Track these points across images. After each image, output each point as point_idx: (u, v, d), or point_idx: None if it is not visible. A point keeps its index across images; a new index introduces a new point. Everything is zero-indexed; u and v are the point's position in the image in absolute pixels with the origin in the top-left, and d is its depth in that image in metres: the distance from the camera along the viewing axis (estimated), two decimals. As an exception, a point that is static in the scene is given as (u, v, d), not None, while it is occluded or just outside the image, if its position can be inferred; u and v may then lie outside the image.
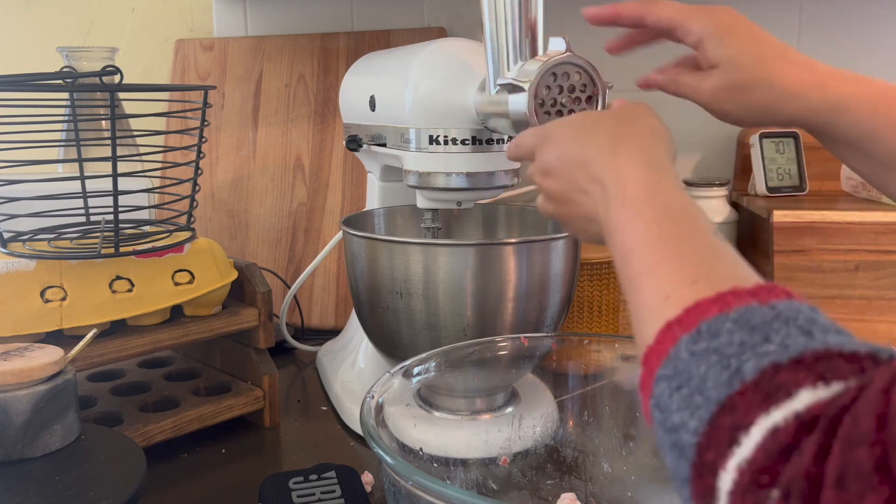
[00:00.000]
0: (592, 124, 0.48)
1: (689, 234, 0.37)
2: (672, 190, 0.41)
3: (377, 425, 0.50)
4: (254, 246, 1.13)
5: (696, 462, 0.28)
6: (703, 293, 0.32)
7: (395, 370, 0.58)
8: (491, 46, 0.61)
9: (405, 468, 0.43)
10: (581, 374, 0.68)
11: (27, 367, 0.52)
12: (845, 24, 1.10)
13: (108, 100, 0.67)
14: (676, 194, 0.41)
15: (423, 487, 0.42)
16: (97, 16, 1.27)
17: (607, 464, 0.63)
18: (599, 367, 0.68)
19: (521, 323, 0.70)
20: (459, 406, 0.70)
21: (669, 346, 0.31)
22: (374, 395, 0.54)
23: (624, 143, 0.44)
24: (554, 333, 0.70)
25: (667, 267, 0.36)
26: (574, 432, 0.66)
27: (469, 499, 0.41)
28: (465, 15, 1.18)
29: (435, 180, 0.70)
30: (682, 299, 0.33)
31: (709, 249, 0.36)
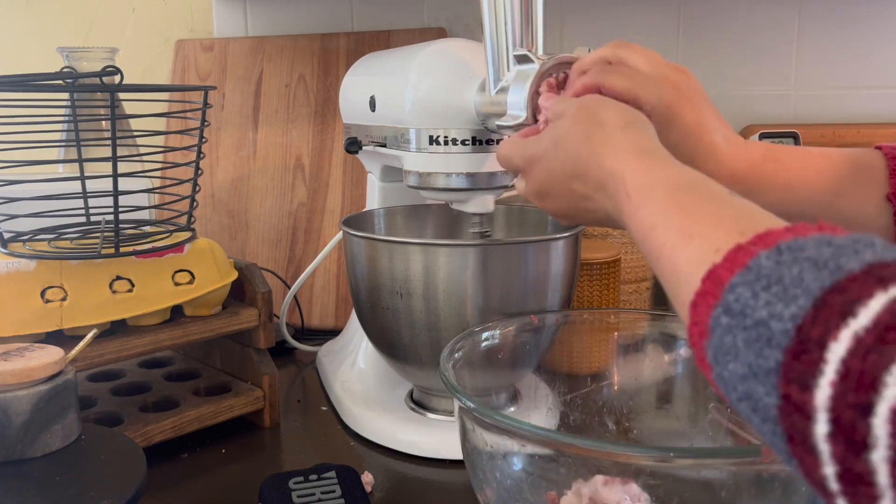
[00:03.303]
0: (566, 136, 0.48)
1: (711, 198, 0.38)
2: (671, 166, 0.42)
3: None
4: (254, 246, 1.13)
5: (794, 344, 0.27)
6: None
7: (466, 333, 0.62)
8: (491, 46, 0.61)
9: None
10: (582, 374, 0.69)
11: (27, 367, 0.52)
12: (845, 23, 1.10)
13: (109, 100, 0.67)
14: (678, 168, 0.41)
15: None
16: (97, 16, 1.27)
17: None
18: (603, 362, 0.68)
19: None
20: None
21: (746, 259, 0.31)
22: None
23: (603, 143, 0.45)
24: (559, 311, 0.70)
25: (703, 226, 0.35)
26: (574, 432, 0.66)
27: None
28: (465, 15, 1.18)
29: (435, 180, 0.70)
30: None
31: (741, 208, 0.36)
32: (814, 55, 1.12)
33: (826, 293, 0.27)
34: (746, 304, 0.30)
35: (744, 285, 0.30)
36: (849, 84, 1.12)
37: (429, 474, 0.69)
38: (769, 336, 0.28)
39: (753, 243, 0.32)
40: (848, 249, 0.28)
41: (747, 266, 0.31)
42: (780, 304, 0.28)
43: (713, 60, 1.14)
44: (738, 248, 0.32)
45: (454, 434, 0.54)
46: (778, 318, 0.28)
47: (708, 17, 1.13)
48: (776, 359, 0.28)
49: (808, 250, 0.29)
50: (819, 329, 0.26)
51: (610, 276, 0.87)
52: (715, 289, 0.31)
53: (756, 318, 0.29)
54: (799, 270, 0.29)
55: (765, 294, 0.29)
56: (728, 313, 0.30)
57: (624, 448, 0.47)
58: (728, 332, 0.30)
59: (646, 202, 0.40)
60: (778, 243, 0.31)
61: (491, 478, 0.51)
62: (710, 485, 0.45)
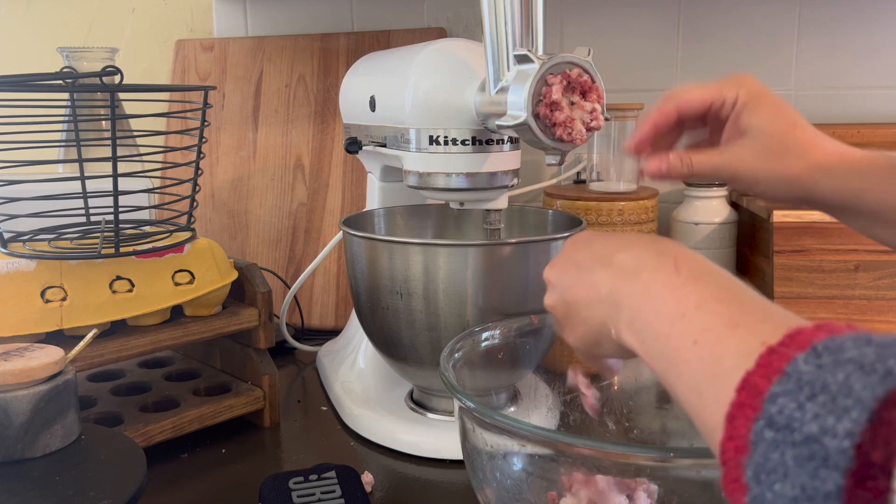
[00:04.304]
0: (587, 265, 0.46)
1: (757, 296, 0.35)
2: (717, 266, 0.39)
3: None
4: (254, 246, 1.13)
5: (857, 466, 0.25)
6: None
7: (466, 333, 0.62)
8: (491, 46, 0.61)
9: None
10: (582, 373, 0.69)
11: (27, 367, 0.52)
12: (845, 24, 1.10)
13: (109, 100, 0.67)
14: (723, 269, 0.39)
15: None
16: (97, 16, 1.27)
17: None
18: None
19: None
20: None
21: (782, 364, 0.28)
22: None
23: (625, 267, 0.42)
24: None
25: (752, 319, 0.33)
26: (574, 432, 0.66)
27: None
28: (465, 15, 1.18)
29: (435, 181, 0.70)
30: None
31: (782, 310, 0.34)
32: (814, 55, 1.12)
33: (881, 406, 0.25)
34: (792, 416, 0.27)
35: (786, 395, 0.28)
36: (849, 84, 1.12)
37: (429, 474, 0.69)
38: (825, 455, 0.25)
39: (785, 345, 0.29)
40: (893, 349, 0.27)
41: (785, 372, 0.28)
42: (831, 418, 0.26)
43: (713, 60, 1.13)
44: (770, 352, 0.29)
45: (454, 434, 0.54)
46: (832, 435, 0.26)
47: (708, 17, 1.13)
48: (836, 482, 0.25)
49: (849, 351, 0.27)
50: (881, 452, 0.24)
51: (610, 276, 0.87)
52: (753, 400, 0.29)
53: (806, 433, 0.26)
54: (845, 376, 0.26)
55: (811, 405, 0.27)
56: (772, 427, 0.27)
57: (624, 448, 0.47)
58: (774, 449, 0.27)
59: (695, 281, 0.37)
60: (813, 344, 0.28)
61: (491, 478, 0.51)
62: (710, 485, 0.45)
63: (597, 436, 0.65)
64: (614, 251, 0.43)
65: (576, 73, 0.59)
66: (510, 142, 0.71)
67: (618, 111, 1.01)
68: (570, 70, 0.59)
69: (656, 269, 0.39)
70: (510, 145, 0.71)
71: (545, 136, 0.60)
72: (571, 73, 0.59)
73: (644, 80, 1.15)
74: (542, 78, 0.58)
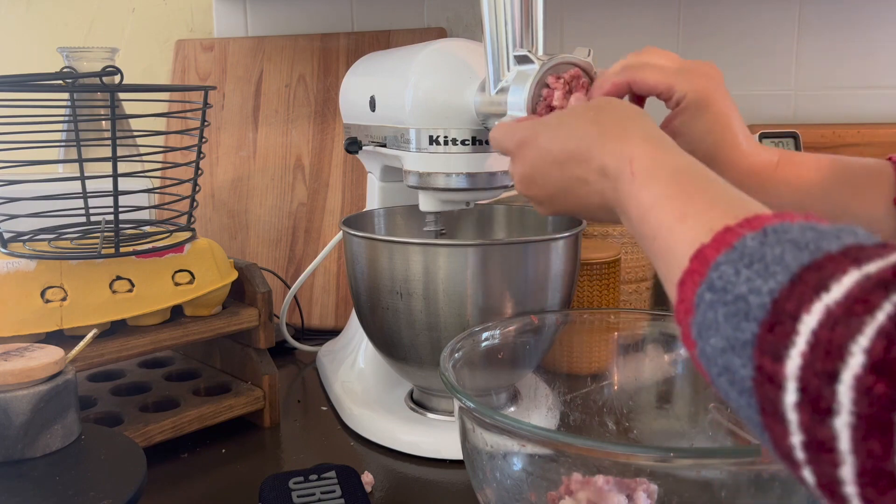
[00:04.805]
0: (571, 120, 0.49)
1: (709, 184, 0.38)
2: (677, 152, 0.42)
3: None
4: (254, 246, 1.13)
5: (770, 317, 0.28)
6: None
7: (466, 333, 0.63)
8: (491, 46, 0.61)
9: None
10: (582, 374, 0.69)
11: (27, 367, 0.52)
12: (845, 23, 1.10)
13: (109, 100, 0.67)
14: (682, 155, 0.42)
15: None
16: (97, 16, 1.27)
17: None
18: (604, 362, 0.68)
19: (521, 323, 0.70)
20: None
21: (733, 239, 0.32)
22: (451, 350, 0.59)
23: (612, 127, 0.46)
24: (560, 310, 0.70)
25: (698, 208, 0.36)
26: (574, 432, 0.66)
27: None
28: (465, 15, 1.18)
29: (435, 181, 0.70)
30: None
31: (736, 195, 0.37)
32: (814, 55, 1.12)
33: (803, 270, 0.28)
34: (728, 280, 0.31)
35: (728, 263, 0.31)
36: (849, 84, 1.12)
37: (429, 474, 0.69)
38: (747, 310, 0.29)
39: (741, 225, 0.33)
40: (830, 234, 0.30)
41: (733, 246, 0.32)
42: (759, 280, 0.29)
43: (713, 60, 1.13)
44: (726, 230, 0.33)
45: (454, 434, 0.54)
46: (756, 293, 0.29)
47: (708, 17, 1.13)
48: (752, 331, 0.29)
49: (793, 233, 0.30)
50: (793, 303, 0.27)
51: (610, 276, 0.87)
52: (701, 267, 0.32)
53: (736, 294, 0.30)
54: (781, 251, 0.30)
55: (746, 271, 0.30)
56: (711, 290, 0.31)
57: (624, 448, 0.47)
58: (710, 308, 0.31)
59: (648, 183, 0.41)
60: (765, 226, 0.32)
61: (491, 478, 0.51)
62: (710, 485, 0.45)
63: (597, 436, 0.66)
64: (585, 149, 0.46)
65: (576, 74, 0.59)
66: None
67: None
68: (570, 70, 0.59)
69: (619, 175, 0.43)
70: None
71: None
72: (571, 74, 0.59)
73: (644, 80, 1.15)
74: (542, 79, 0.58)
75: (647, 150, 0.43)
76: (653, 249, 0.39)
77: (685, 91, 0.54)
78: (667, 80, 0.54)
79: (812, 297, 0.27)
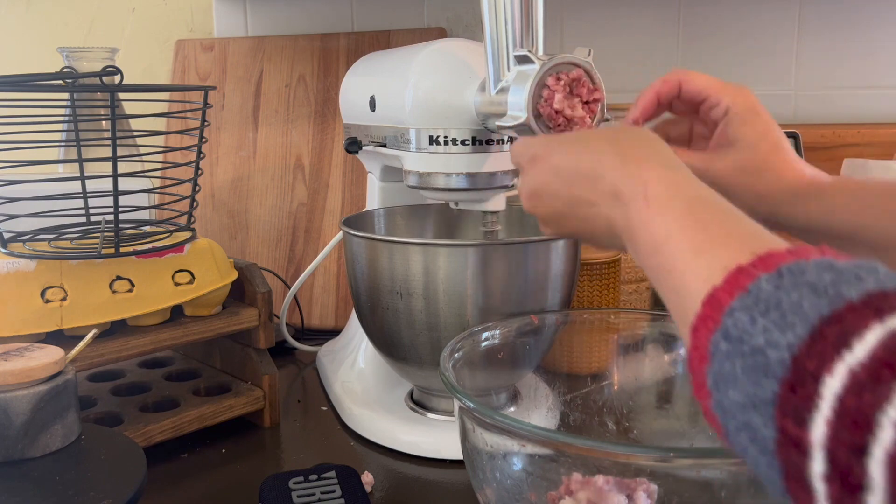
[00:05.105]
0: (589, 139, 0.47)
1: (727, 216, 0.37)
2: (695, 183, 0.41)
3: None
4: (254, 246, 1.13)
5: (791, 375, 0.26)
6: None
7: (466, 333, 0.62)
8: (491, 46, 0.61)
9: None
10: (582, 374, 0.69)
11: (27, 367, 0.52)
12: (845, 23, 1.10)
13: (109, 100, 0.67)
14: (700, 186, 0.40)
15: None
16: (97, 16, 1.27)
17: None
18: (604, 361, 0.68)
19: (521, 323, 0.70)
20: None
21: (746, 282, 0.30)
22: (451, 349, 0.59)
23: (630, 150, 0.44)
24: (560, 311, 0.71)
25: (716, 243, 0.35)
26: (574, 432, 0.66)
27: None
28: (465, 15, 1.18)
29: (435, 181, 0.70)
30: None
31: (752, 228, 0.35)
32: (814, 55, 1.12)
33: (823, 323, 0.27)
34: (745, 329, 0.29)
35: (743, 310, 0.30)
36: (849, 84, 1.12)
37: (429, 474, 0.69)
38: (766, 365, 0.28)
39: (754, 265, 0.31)
40: (849, 276, 0.28)
41: (747, 289, 0.30)
42: (777, 332, 0.28)
43: (713, 60, 1.13)
44: (738, 270, 0.31)
45: (454, 434, 0.54)
46: (775, 347, 0.27)
47: (708, 17, 1.13)
48: (773, 389, 0.27)
49: (809, 275, 0.29)
50: (814, 361, 0.26)
51: (610, 276, 0.87)
52: (715, 312, 0.31)
53: (753, 345, 0.28)
54: (798, 296, 0.28)
55: (762, 320, 0.28)
56: (727, 338, 0.30)
57: (624, 448, 0.47)
58: (727, 359, 0.30)
59: (663, 210, 0.39)
60: (779, 266, 0.30)
61: (491, 478, 0.51)
62: (710, 485, 0.45)
63: (597, 436, 0.66)
64: (598, 169, 0.45)
65: (578, 76, 0.59)
66: (510, 142, 0.71)
67: (618, 111, 1.01)
68: (572, 72, 0.59)
69: (631, 200, 0.41)
70: (510, 145, 0.71)
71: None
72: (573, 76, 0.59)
73: (644, 79, 1.14)
74: (542, 79, 0.58)
75: (663, 176, 0.41)
76: (665, 283, 0.37)
77: (734, 98, 0.54)
78: (715, 87, 0.55)
79: (834, 356, 0.25)
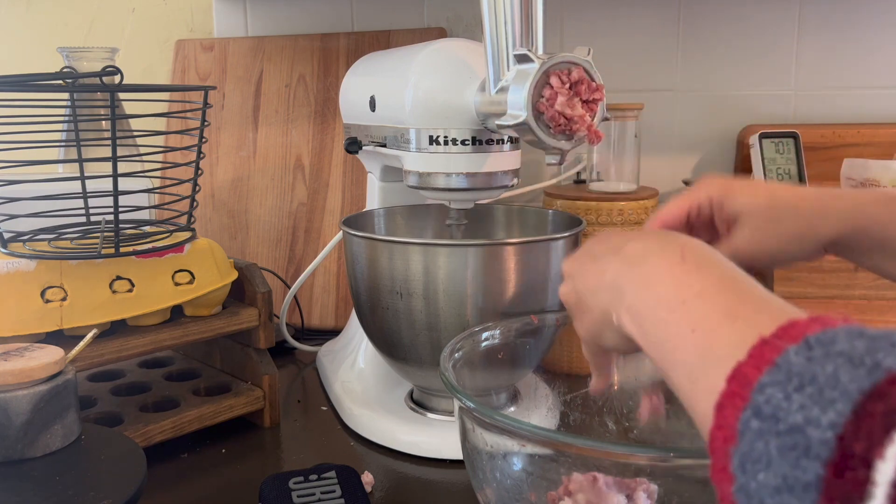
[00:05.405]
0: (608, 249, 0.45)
1: (757, 288, 0.35)
2: (711, 251, 0.39)
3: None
4: (254, 246, 1.13)
5: (837, 458, 0.25)
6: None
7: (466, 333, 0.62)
8: (491, 46, 0.61)
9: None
10: (582, 374, 0.69)
11: (27, 367, 0.52)
12: (845, 23, 1.10)
13: (109, 100, 0.67)
14: (716, 254, 0.39)
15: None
16: (97, 16, 1.27)
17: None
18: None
19: (521, 323, 0.70)
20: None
21: (773, 355, 0.28)
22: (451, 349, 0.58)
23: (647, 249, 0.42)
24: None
25: (749, 309, 0.33)
26: (574, 432, 0.66)
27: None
28: (465, 15, 1.18)
29: (435, 181, 0.70)
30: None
31: (777, 300, 0.34)
32: (814, 55, 1.12)
33: (866, 398, 0.25)
34: (779, 406, 0.27)
35: (774, 385, 0.28)
36: (849, 84, 1.12)
37: (429, 474, 0.69)
38: (807, 445, 0.26)
39: (778, 337, 0.29)
40: (883, 342, 0.27)
41: (775, 363, 0.28)
42: (816, 409, 0.26)
43: (713, 60, 1.13)
44: (762, 343, 0.29)
45: (454, 434, 0.54)
46: (815, 426, 0.26)
47: (708, 17, 1.13)
48: (816, 472, 0.25)
49: (840, 344, 0.27)
50: (862, 444, 0.24)
51: (610, 276, 0.87)
52: (742, 389, 0.29)
53: (791, 424, 0.26)
54: (833, 368, 0.26)
55: (798, 396, 0.27)
56: (759, 417, 0.28)
57: (624, 448, 0.47)
58: (759, 438, 0.27)
59: (699, 269, 0.37)
60: (806, 336, 0.28)
61: (491, 478, 0.51)
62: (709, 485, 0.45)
63: (597, 436, 0.66)
64: (626, 241, 0.43)
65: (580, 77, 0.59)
66: (510, 142, 0.71)
67: (618, 111, 1.01)
68: (573, 73, 0.59)
69: (661, 256, 0.39)
70: (510, 145, 0.71)
71: (545, 135, 0.60)
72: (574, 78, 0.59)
73: (644, 79, 1.15)
74: (542, 78, 0.58)
75: (699, 244, 0.40)
76: (681, 342, 0.34)
77: (706, 191, 0.54)
78: (686, 199, 0.54)
79: (883, 438, 0.24)
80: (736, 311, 0.33)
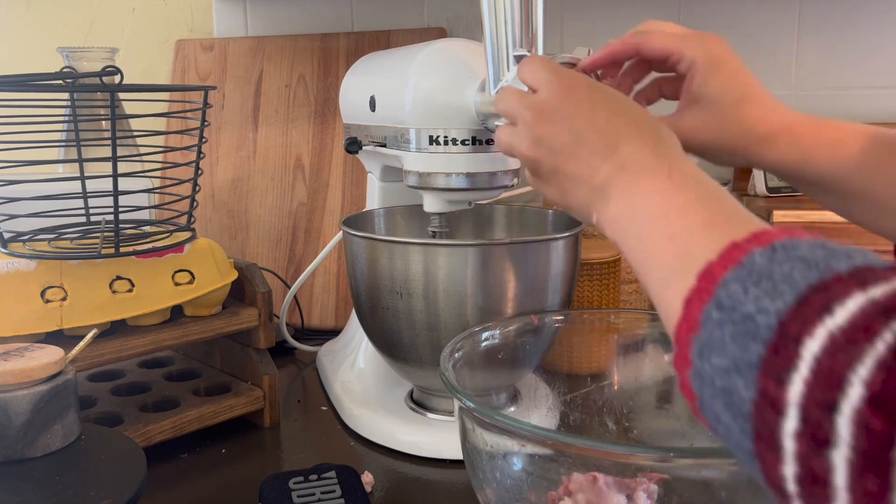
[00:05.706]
0: (600, 104, 0.46)
1: (733, 203, 0.37)
2: (696, 170, 0.41)
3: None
4: (254, 246, 1.13)
5: (775, 338, 0.27)
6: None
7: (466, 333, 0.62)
8: (491, 46, 0.61)
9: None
10: (582, 374, 0.69)
11: (27, 367, 0.52)
12: (845, 23, 1.10)
13: (109, 100, 0.67)
14: (701, 173, 0.41)
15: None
16: (97, 16, 1.27)
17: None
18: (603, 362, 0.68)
19: (521, 323, 0.70)
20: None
21: (740, 256, 0.31)
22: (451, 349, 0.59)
23: (645, 128, 0.44)
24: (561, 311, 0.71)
25: (725, 220, 0.35)
26: (574, 432, 0.66)
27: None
28: (465, 15, 1.18)
29: (435, 181, 0.70)
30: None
31: (747, 212, 0.36)
32: (814, 55, 1.12)
33: (811, 291, 0.27)
34: (737, 299, 0.30)
35: (736, 281, 0.30)
36: (849, 84, 1.12)
37: (429, 474, 0.69)
38: (754, 330, 0.28)
39: (749, 241, 0.32)
40: (840, 254, 0.29)
41: (741, 262, 0.31)
42: (767, 300, 0.28)
43: (713, 60, 1.13)
44: (733, 246, 0.32)
45: (454, 434, 0.54)
46: (764, 313, 0.28)
47: (708, 17, 1.13)
48: (758, 352, 0.28)
49: (802, 250, 0.30)
50: (797, 325, 0.27)
51: (610, 276, 0.87)
52: (709, 285, 0.32)
53: (744, 312, 0.29)
54: (790, 268, 0.29)
55: (754, 289, 0.29)
56: (719, 308, 0.30)
57: (624, 448, 0.47)
58: (718, 327, 0.30)
59: (683, 187, 0.39)
60: (773, 242, 0.31)
61: (491, 478, 0.51)
62: (709, 485, 0.45)
63: (597, 436, 0.66)
64: (618, 137, 0.44)
65: None
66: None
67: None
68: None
69: (652, 173, 0.41)
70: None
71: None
72: None
73: (644, 80, 1.15)
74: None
75: (685, 163, 0.41)
76: (662, 249, 0.37)
77: (696, 52, 0.53)
78: (675, 44, 0.54)
79: (816, 321, 0.26)
80: (714, 221, 0.36)
